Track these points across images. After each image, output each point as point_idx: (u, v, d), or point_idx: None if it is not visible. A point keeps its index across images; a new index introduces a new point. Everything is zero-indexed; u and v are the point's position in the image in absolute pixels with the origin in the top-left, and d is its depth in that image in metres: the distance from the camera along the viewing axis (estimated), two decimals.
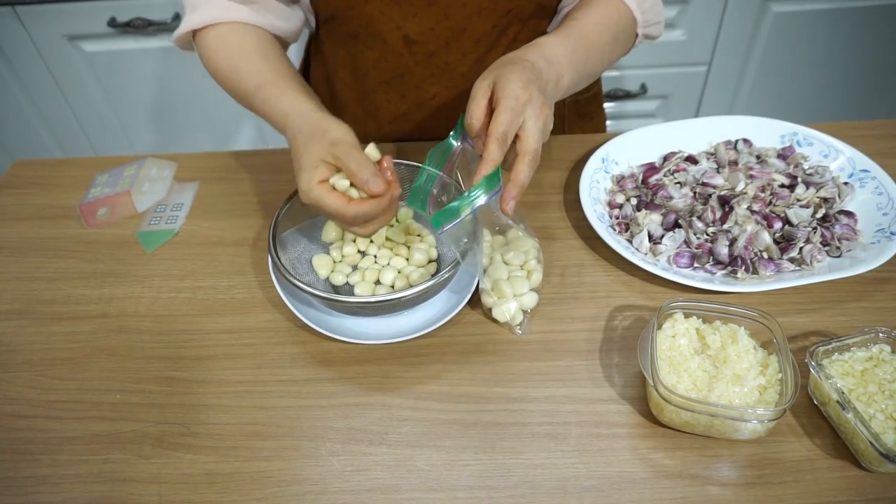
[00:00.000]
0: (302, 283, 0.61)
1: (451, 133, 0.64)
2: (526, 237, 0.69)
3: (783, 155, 0.80)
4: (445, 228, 0.58)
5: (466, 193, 0.57)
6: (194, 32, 0.74)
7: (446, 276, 0.62)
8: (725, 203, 0.73)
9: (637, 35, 0.78)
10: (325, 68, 0.90)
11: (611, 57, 0.75)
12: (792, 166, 0.78)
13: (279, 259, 0.64)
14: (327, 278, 0.70)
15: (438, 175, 0.63)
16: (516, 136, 0.58)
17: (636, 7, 0.75)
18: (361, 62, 0.83)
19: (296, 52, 1.45)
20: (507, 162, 0.59)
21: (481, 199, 0.57)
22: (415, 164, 0.71)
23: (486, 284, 0.65)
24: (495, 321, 0.66)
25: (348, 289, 0.69)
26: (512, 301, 0.64)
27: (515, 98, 0.56)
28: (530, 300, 0.65)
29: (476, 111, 0.58)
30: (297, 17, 0.81)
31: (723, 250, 0.69)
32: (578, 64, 0.67)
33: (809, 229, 0.70)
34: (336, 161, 0.57)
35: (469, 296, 0.65)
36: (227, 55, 0.72)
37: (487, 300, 0.65)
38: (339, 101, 0.91)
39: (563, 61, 0.65)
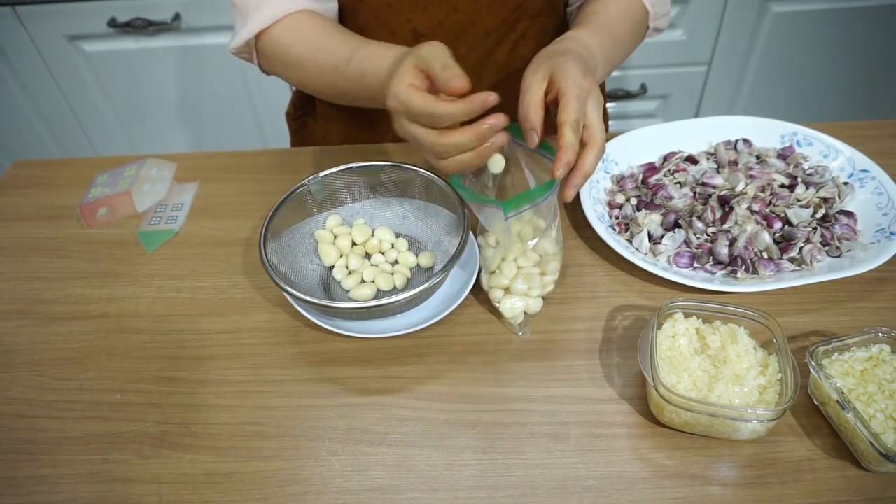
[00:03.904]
0: (296, 290, 0.61)
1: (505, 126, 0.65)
2: (554, 243, 0.68)
3: (783, 155, 0.80)
4: (511, 216, 0.60)
5: (535, 188, 0.60)
6: (259, 34, 0.73)
7: (437, 281, 0.62)
8: (725, 203, 0.73)
9: (648, 27, 0.81)
10: None
11: (629, 48, 0.77)
12: (792, 166, 0.78)
13: (269, 261, 0.64)
14: (332, 267, 0.70)
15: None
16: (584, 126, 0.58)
17: (648, 0, 0.78)
18: None
19: None
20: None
21: (549, 192, 0.60)
22: (412, 166, 0.72)
23: (502, 274, 0.65)
24: (498, 316, 0.66)
25: (344, 294, 0.69)
26: (522, 298, 0.64)
27: (579, 87, 0.57)
28: (536, 305, 0.65)
29: (533, 102, 0.58)
30: (333, 4, 0.80)
31: (723, 250, 0.69)
32: (609, 56, 0.69)
33: (809, 229, 0.70)
34: (423, 63, 0.55)
35: (468, 290, 0.65)
36: (304, 40, 0.71)
37: (496, 293, 0.65)
38: None
39: (597, 54, 0.66)
